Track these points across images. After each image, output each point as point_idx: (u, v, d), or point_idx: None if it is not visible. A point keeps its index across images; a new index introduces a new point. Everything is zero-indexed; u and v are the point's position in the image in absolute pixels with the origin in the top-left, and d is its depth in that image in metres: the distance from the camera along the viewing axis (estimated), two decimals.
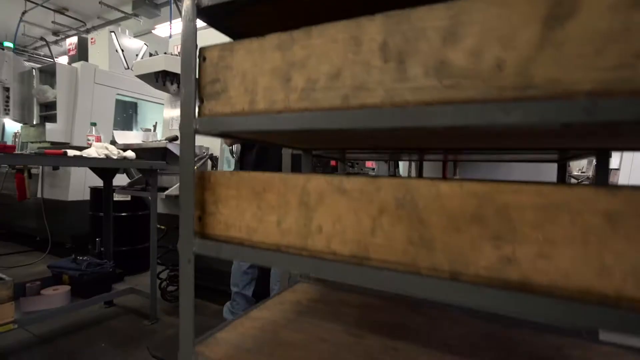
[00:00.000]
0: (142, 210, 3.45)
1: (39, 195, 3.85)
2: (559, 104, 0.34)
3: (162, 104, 3.22)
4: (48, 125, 3.62)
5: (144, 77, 2.65)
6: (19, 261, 3.84)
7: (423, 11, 0.40)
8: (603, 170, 0.78)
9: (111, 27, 8.02)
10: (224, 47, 0.54)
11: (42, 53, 9.60)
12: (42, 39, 8.00)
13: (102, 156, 2.00)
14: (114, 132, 2.60)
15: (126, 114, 5.48)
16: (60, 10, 7.39)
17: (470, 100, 0.38)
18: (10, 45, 4.62)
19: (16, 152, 3.99)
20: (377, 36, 0.43)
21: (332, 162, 2.60)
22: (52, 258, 3.97)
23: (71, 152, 1.93)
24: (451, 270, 0.40)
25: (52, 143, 3.78)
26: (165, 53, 2.57)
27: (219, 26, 0.65)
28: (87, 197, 3.54)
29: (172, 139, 2.36)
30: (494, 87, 0.36)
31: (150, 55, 4.75)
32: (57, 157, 1.78)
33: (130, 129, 5.61)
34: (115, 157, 2.07)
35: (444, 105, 0.39)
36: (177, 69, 2.47)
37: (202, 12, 0.55)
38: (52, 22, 7.72)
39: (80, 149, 2.05)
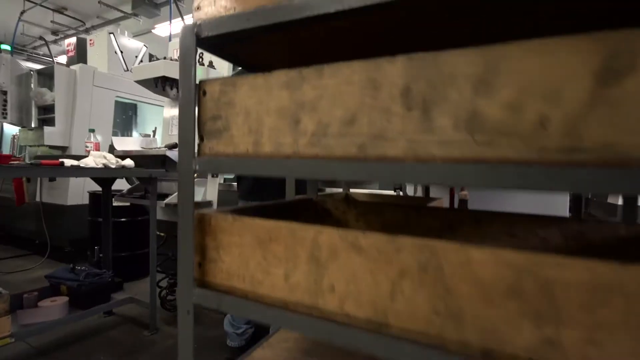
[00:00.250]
0: (142, 215, 3.41)
1: (37, 199, 3.81)
2: (613, 173, 0.29)
3: (162, 106, 3.17)
4: (46, 129, 3.58)
5: (143, 82, 2.60)
6: (18, 266, 3.81)
7: (452, 55, 0.35)
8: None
9: (110, 29, 7.98)
10: (226, 81, 0.49)
11: (41, 52, 9.54)
12: (41, 38, 7.94)
13: (100, 166, 1.96)
14: (113, 138, 2.55)
15: (125, 116, 5.43)
16: (60, 10, 7.32)
17: (507, 160, 0.33)
18: (8, 47, 4.57)
19: (14, 157, 3.95)
20: (398, 80, 0.38)
21: None
22: (51, 262, 3.94)
23: (68, 162, 1.88)
24: (483, 348, 0.35)
25: (51, 147, 3.73)
26: (164, 58, 2.52)
27: (222, 55, 0.60)
28: (86, 201, 3.50)
29: (172, 147, 2.31)
30: (535, 148, 0.32)
31: (150, 56, 4.70)
32: (53, 168, 1.73)
33: (130, 130, 5.57)
34: (113, 167, 2.03)
35: (476, 164, 0.34)
36: (176, 75, 2.42)
37: (202, 42, 0.51)
38: (51, 21, 7.66)
39: (78, 158, 2.00)
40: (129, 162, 2.14)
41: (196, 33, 0.50)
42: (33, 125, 3.70)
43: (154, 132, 3.05)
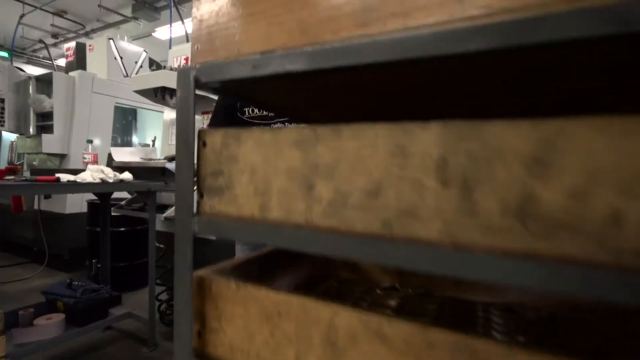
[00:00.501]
0: (141, 224, 3.35)
1: (36, 207, 3.76)
2: None
3: (162, 112, 3.11)
4: (45, 137, 3.52)
5: (142, 92, 2.54)
6: (16, 275, 3.75)
7: (500, 127, 0.30)
8: None
9: (110, 32, 7.96)
10: (228, 133, 0.44)
11: (41, 55, 9.50)
12: (41, 41, 7.89)
13: (98, 181, 1.90)
14: (111, 149, 2.50)
15: (125, 121, 5.39)
16: (59, 13, 7.28)
17: (570, 259, 0.27)
18: (5, 54, 4.52)
19: (12, 164, 3.90)
20: (432, 149, 0.32)
21: None
22: (50, 271, 3.88)
23: (64, 177, 1.83)
24: None
25: (49, 154, 3.68)
26: (164, 67, 2.47)
27: (227, 94, 0.54)
28: (84, 209, 3.45)
29: (171, 159, 2.25)
30: (606, 248, 0.26)
31: (150, 61, 4.65)
32: (49, 185, 1.67)
33: (129, 135, 5.52)
34: (111, 181, 1.97)
35: (530, 260, 0.28)
36: (172, 84, 2.36)
37: (202, 86, 0.45)
38: (51, 24, 7.61)
39: (75, 172, 1.95)
40: (127, 176, 2.09)
41: (195, 78, 0.44)
42: (31, 133, 3.65)
43: (154, 141, 3.00)
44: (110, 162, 2.75)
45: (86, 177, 1.88)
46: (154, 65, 4.72)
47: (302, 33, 0.38)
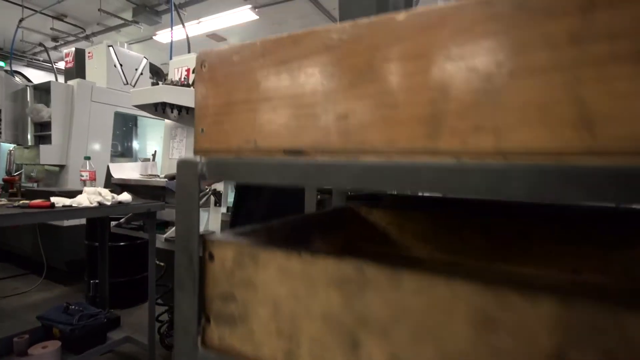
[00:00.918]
0: (140, 238, 3.26)
1: None
2: None
3: (163, 120, 3.01)
4: (42, 148, 3.43)
5: (142, 106, 2.45)
6: (14, 288, 3.66)
7: None
8: None
9: (111, 35, 7.85)
10: (243, 250, 0.34)
11: (41, 58, 9.42)
12: (40, 45, 7.80)
13: (95, 204, 1.80)
14: (110, 165, 2.41)
15: (126, 127, 5.29)
16: (59, 17, 7.19)
17: None
18: (2, 64, 4.42)
19: (10, 175, 3.80)
20: (541, 334, 0.23)
21: None
22: (48, 284, 3.80)
23: (59, 201, 1.73)
24: None
25: (47, 166, 3.59)
26: (166, 75, 2.37)
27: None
28: (83, 221, 3.36)
29: (172, 178, 2.16)
30: None
31: (151, 67, 4.56)
32: (43, 212, 1.58)
33: (130, 141, 5.42)
34: (109, 204, 1.87)
35: None
36: (178, 100, 2.26)
37: (206, 178, 0.36)
38: (51, 28, 7.52)
39: (72, 194, 1.85)
40: (125, 197, 1.99)
41: (200, 175, 0.35)
42: (29, 143, 3.56)
43: (154, 155, 2.90)
44: (108, 178, 2.66)
45: (82, 200, 1.79)
46: (155, 71, 4.63)
47: (341, 135, 0.29)
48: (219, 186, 2.46)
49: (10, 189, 3.63)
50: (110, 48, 3.98)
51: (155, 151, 2.91)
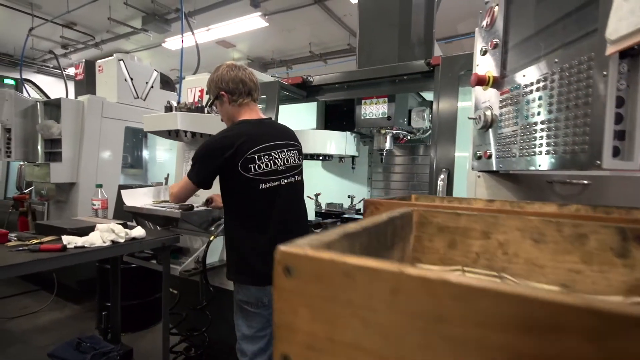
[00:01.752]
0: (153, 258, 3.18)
1: None
2: None
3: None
4: (53, 166, 3.38)
5: (155, 132, 2.37)
6: (24, 307, 3.62)
7: None
8: None
9: (120, 43, 7.81)
10: (338, 263, 0.22)
11: (51, 65, 9.46)
12: (50, 52, 7.80)
13: (108, 243, 1.72)
14: (122, 192, 2.32)
15: (135, 139, 5.23)
16: (69, 25, 7.18)
17: None
18: (12, 82, 4.38)
19: (21, 193, 3.74)
20: None
21: None
22: (59, 302, 3.74)
23: (71, 241, 1.65)
24: None
25: (57, 185, 3.54)
26: (177, 106, 2.28)
27: None
28: None
29: (187, 209, 2.07)
30: None
31: (162, 78, 4.49)
32: (55, 258, 1.49)
33: (140, 152, 5.36)
34: (122, 241, 1.79)
35: None
36: (193, 127, 2.18)
37: None
38: (61, 36, 7.53)
39: (84, 231, 1.77)
40: (139, 233, 1.91)
41: None
42: (39, 161, 3.51)
43: (166, 179, 2.82)
44: (119, 203, 2.58)
45: (95, 240, 1.70)
46: (164, 81, 4.56)
47: None
48: None
49: (21, 207, 3.61)
50: (121, 62, 3.91)
51: (168, 174, 2.83)
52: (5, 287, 4.06)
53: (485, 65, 1.35)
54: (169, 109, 2.32)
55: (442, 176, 1.66)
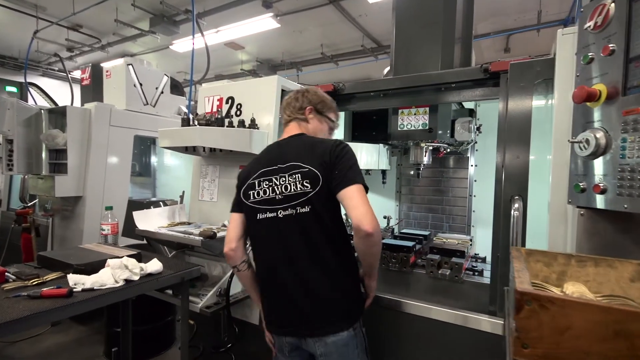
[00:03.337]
0: None
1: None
2: None
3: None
4: (58, 179, 3.14)
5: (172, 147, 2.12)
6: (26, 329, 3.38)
7: None
8: None
9: (127, 46, 7.59)
10: None
11: (56, 68, 9.28)
12: (55, 55, 7.61)
13: (121, 283, 1.47)
14: (134, 213, 2.08)
15: (144, 146, 5.01)
16: (75, 28, 6.98)
17: None
18: (14, 89, 4.17)
19: (25, 206, 3.51)
20: None
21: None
22: (63, 322, 3.51)
23: (78, 282, 1.40)
24: None
25: (62, 199, 3.31)
26: (195, 117, 2.03)
27: None
28: None
29: (209, 237, 1.82)
30: None
31: (172, 83, 4.25)
32: (59, 309, 1.25)
33: (148, 159, 5.13)
34: (137, 278, 1.54)
35: None
36: (216, 143, 1.92)
37: None
38: (66, 39, 7.33)
39: (93, 267, 1.52)
40: (156, 267, 1.66)
41: None
42: (43, 173, 3.28)
43: (181, 197, 2.57)
44: (129, 220, 2.33)
45: (106, 279, 1.45)
46: (174, 85, 4.32)
47: None
48: None
49: (24, 223, 3.38)
50: (130, 67, 3.68)
51: (183, 192, 2.58)
52: None
53: (590, 76, 1.08)
54: (186, 121, 2.07)
55: (516, 205, 1.39)
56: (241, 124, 2.10)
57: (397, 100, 2.21)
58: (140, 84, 3.80)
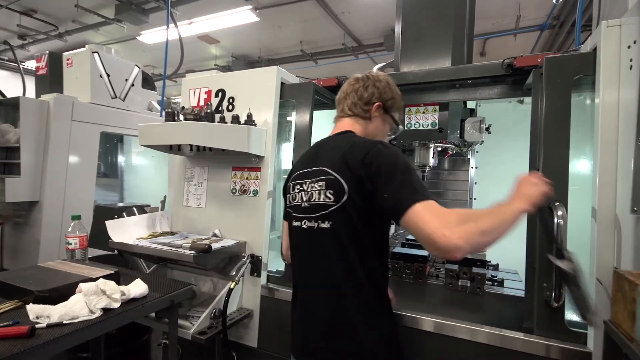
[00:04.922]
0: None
1: None
2: None
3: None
4: (9, 182, 2.71)
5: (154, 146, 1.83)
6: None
7: None
8: None
9: (88, 34, 6.97)
10: None
11: (5, 57, 8.37)
12: (5, 42, 6.83)
13: (98, 313, 1.18)
14: (107, 223, 1.76)
15: (110, 144, 4.54)
16: (28, 13, 6.27)
17: None
18: None
19: None
20: None
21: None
22: None
23: (42, 315, 1.10)
24: None
25: (14, 204, 2.86)
26: (182, 112, 1.75)
27: None
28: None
29: (202, 250, 1.55)
30: None
31: (144, 76, 3.86)
32: (16, 352, 0.95)
33: (115, 159, 4.67)
34: (118, 305, 1.25)
35: None
36: (210, 141, 1.65)
37: None
38: (18, 25, 6.59)
39: (60, 293, 1.22)
40: (140, 289, 1.38)
41: None
42: None
43: (163, 202, 2.26)
44: (97, 230, 1.99)
45: (78, 310, 1.16)
46: (144, 79, 3.93)
47: None
48: (257, 250, 1.86)
49: None
50: (96, 55, 3.27)
51: (165, 197, 2.27)
52: None
53: None
54: (171, 116, 1.79)
55: (559, 212, 1.26)
56: (235, 119, 1.85)
57: (407, 97, 2.05)
58: (108, 75, 3.39)
